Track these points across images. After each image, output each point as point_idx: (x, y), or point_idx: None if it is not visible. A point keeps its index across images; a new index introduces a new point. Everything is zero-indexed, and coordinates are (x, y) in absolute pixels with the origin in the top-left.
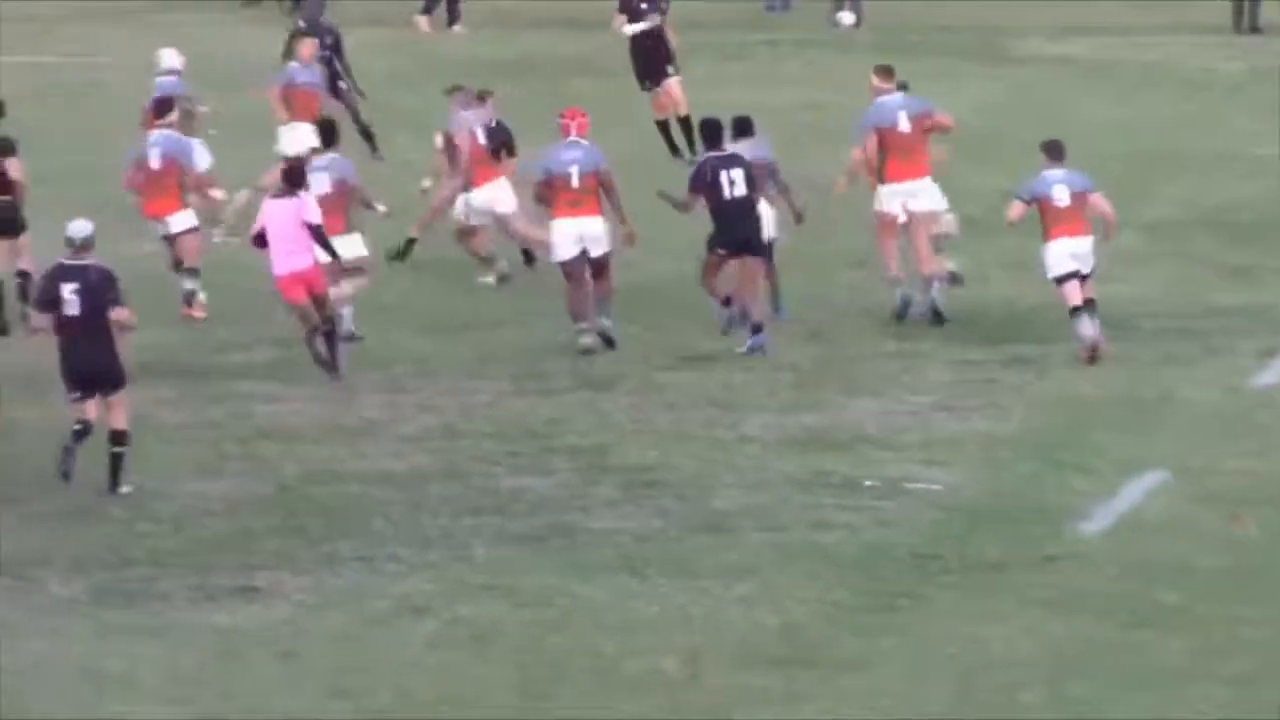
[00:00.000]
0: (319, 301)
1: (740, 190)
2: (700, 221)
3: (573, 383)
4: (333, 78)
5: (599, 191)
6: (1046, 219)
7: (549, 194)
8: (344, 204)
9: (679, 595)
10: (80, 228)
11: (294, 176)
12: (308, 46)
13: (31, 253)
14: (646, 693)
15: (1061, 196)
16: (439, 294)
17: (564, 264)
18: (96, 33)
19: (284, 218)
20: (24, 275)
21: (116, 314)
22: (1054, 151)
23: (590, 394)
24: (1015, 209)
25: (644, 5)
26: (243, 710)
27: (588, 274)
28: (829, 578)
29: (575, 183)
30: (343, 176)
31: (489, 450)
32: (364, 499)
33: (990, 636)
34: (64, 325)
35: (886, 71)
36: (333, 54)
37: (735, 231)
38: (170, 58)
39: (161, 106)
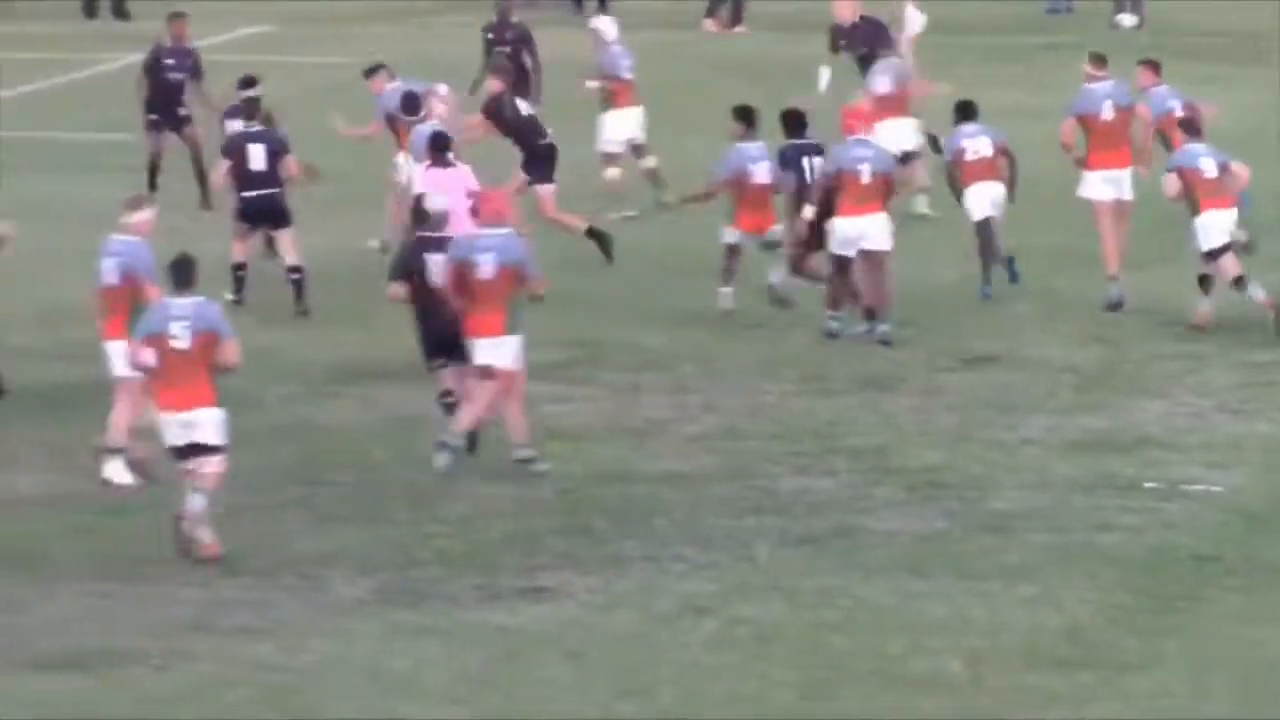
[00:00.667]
0: None
1: (811, 178)
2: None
3: (855, 384)
4: (520, 74)
5: (885, 191)
6: (1197, 192)
7: (836, 191)
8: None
9: (960, 596)
10: (437, 200)
11: (442, 144)
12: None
13: (299, 248)
14: (929, 694)
15: (1209, 168)
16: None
17: (840, 258)
18: (382, 33)
19: (449, 188)
20: (296, 270)
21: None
22: (1191, 128)
23: (873, 395)
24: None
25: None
26: (528, 711)
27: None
28: (1110, 579)
29: (866, 180)
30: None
31: (772, 451)
32: (649, 499)
33: (1272, 639)
34: (426, 293)
35: (1099, 59)
36: (522, 49)
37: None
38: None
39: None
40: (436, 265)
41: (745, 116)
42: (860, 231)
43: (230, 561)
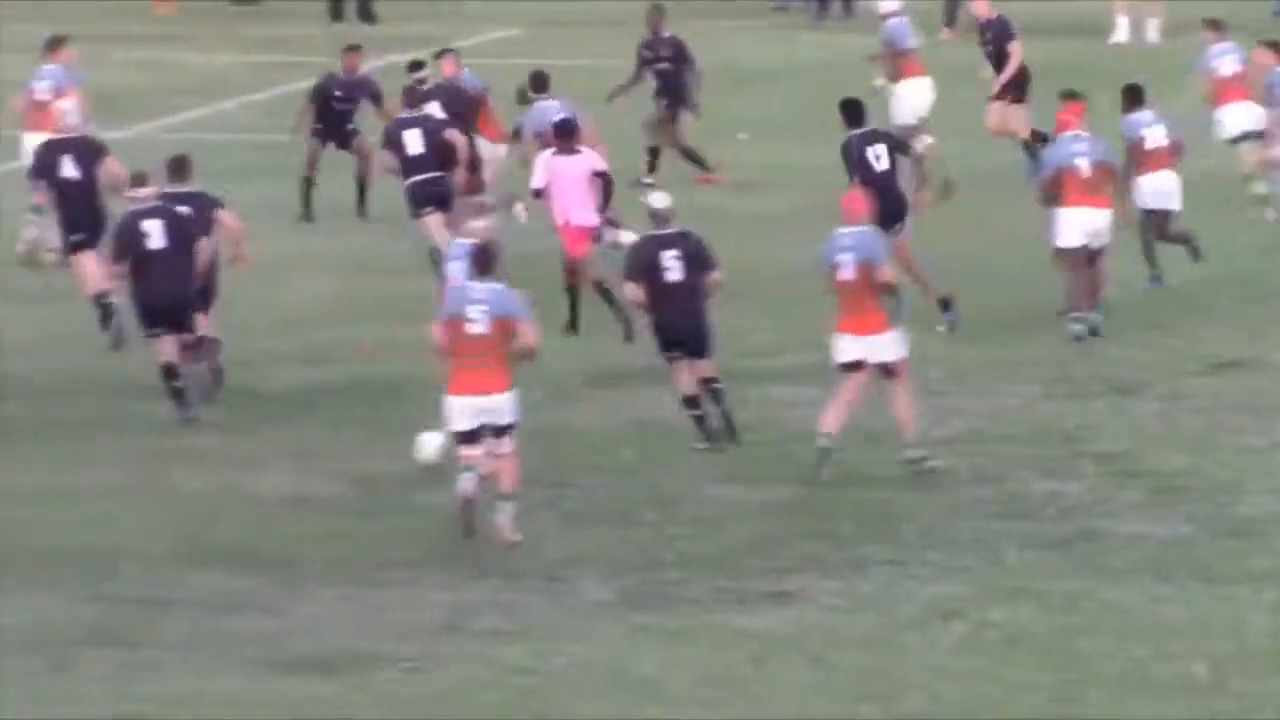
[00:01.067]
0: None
1: (884, 165)
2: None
3: (1102, 387)
4: (676, 88)
5: (1107, 183)
6: None
7: (1054, 186)
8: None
9: (1205, 601)
10: (662, 198)
11: (569, 129)
12: None
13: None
14: (1174, 697)
15: None
16: (980, 295)
17: (1067, 252)
18: (629, 38)
19: (572, 172)
20: (439, 253)
21: (713, 277)
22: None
23: (1119, 399)
24: None
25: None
26: (772, 714)
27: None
28: None
29: (1086, 174)
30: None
31: (1018, 454)
32: (894, 503)
33: None
34: (663, 291)
35: (1214, 24)
36: (674, 64)
37: (880, 206)
38: None
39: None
40: (668, 262)
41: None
42: (1088, 224)
43: (478, 564)
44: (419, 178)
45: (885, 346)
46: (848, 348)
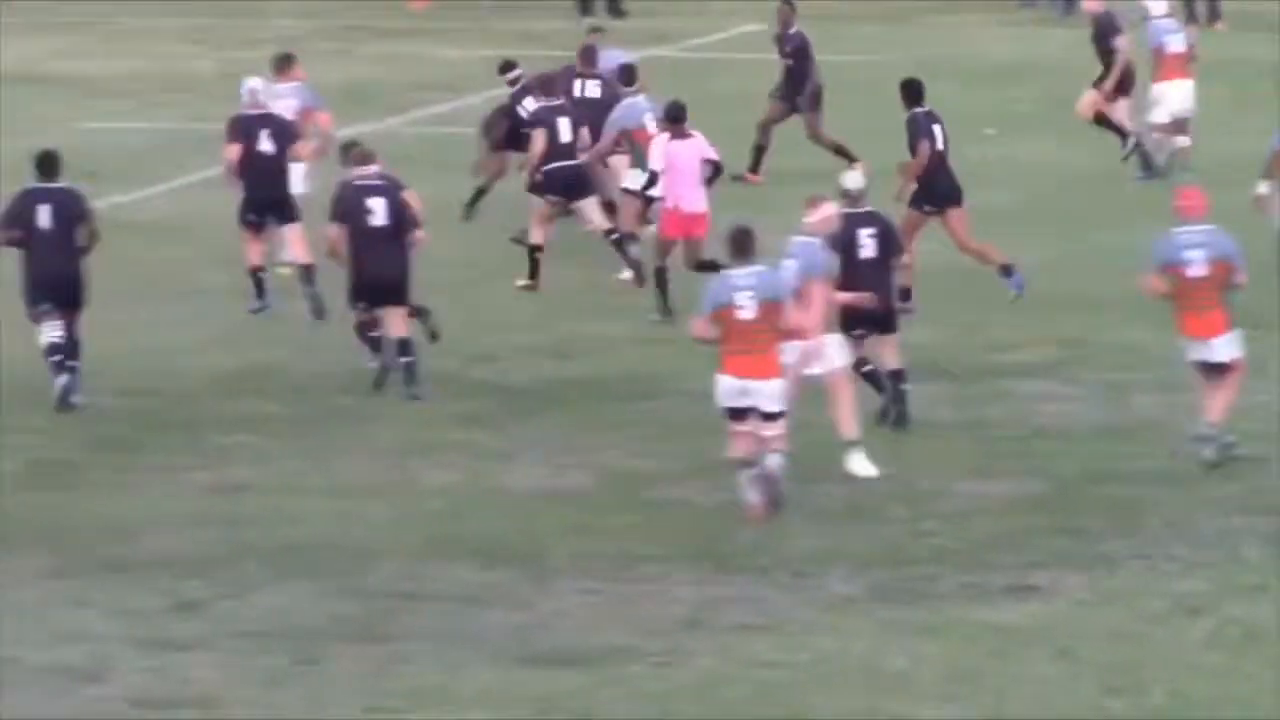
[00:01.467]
0: (695, 246)
1: (940, 145)
2: None
3: None
4: (795, 85)
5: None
6: None
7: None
8: None
9: None
10: (855, 178)
11: (681, 114)
12: None
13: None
14: None
15: None
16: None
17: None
18: (881, 33)
19: (687, 157)
20: (613, 232)
21: (904, 260)
22: None
23: None
24: None
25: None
26: (1019, 709)
27: None
28: None
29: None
30: None
31: (1262, 450)
32: (1140, 498)
33: None
34: (858, 269)
35: None
36: (797, 62)
37: (937, 185)
38: None
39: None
40: (864, 240)
41: None
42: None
43: (724, 559)
44: (563, 164)
45: (1223, 347)
46: (1194, 349)
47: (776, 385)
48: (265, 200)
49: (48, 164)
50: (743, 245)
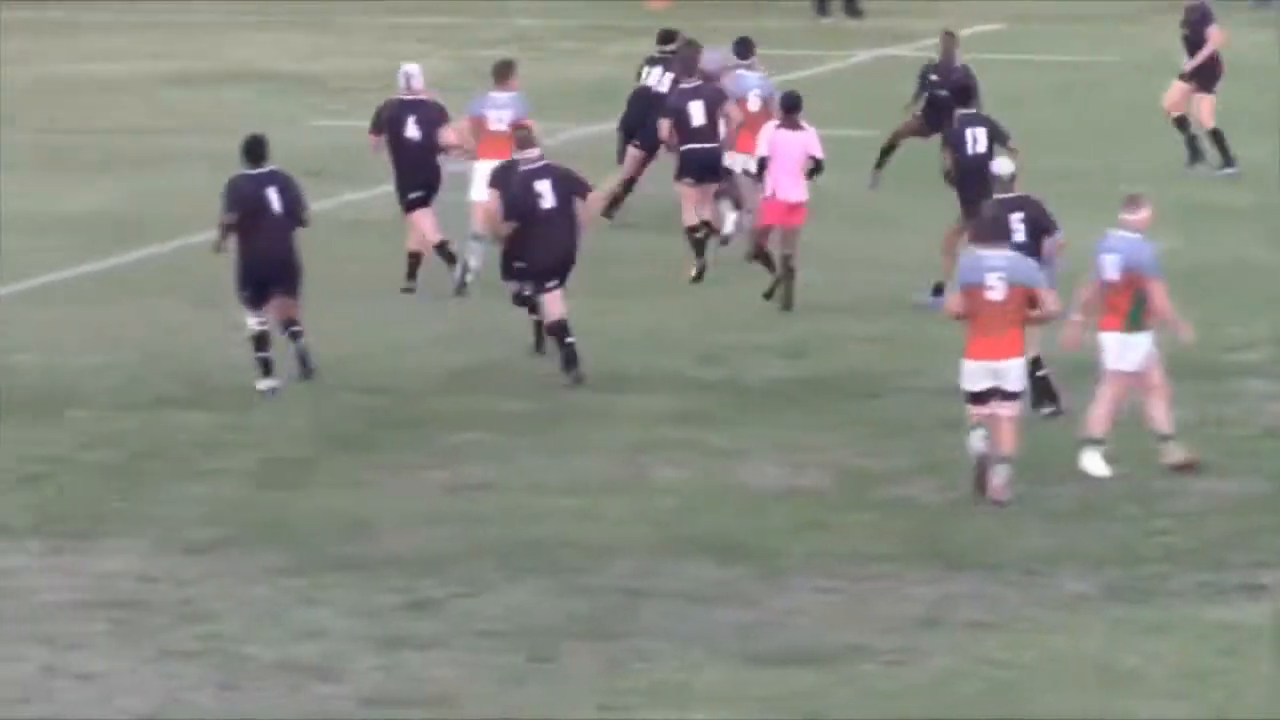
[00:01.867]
0: (791, 234)
1: (981, 148)
2: None
3: None
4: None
5: None
6: None
7: None
8: None
9: None
10: (1005, 164)
11: (796, 104)
12: None
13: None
14: None
15: None
16: None
17: None
18: (1108, 33)
19: (791, 145)
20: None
21: (1058, 240)
22: None
23: None
24: None
25: None
26: (1250, 709)
27: None
28: None
29: None
30: None
31: None
32: None
33: None
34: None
35: None
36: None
37: (968, 189)
38: None
39: None
40: (1015, 224)
41: None
42: None
43: (956, 557)
44: (699, 146)
45: None
46: None
47: (1020, 364)
48: (416, 184)
49: (256, 150)
50: (996, 228)
